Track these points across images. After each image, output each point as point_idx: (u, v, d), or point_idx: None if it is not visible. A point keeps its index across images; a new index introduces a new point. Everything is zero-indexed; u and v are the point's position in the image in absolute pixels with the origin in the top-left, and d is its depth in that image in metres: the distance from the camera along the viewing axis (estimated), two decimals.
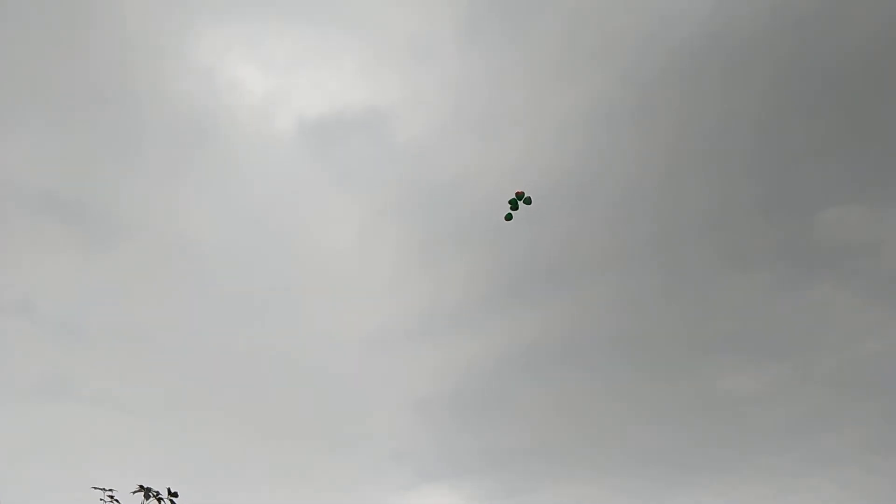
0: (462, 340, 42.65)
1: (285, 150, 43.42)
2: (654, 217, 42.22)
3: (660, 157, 41.87)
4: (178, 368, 40.34)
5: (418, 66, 42.86)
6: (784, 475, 35.11)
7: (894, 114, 38.74)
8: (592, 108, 40.67)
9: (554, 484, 36.98)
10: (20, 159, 39.81)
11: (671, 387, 39.49)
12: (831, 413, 36.84)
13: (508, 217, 16.35)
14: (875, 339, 38.25)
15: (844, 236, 40.14)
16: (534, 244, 41.50)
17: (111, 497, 10.23)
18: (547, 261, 42.42)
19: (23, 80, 39.53)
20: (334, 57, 43.57)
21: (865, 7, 37.58)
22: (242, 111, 42.73)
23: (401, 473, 38.21)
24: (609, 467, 37.42)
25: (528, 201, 16.20)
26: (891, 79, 38.28)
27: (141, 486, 10.42)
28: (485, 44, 41.26)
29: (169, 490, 10.39)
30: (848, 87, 39.63)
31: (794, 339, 39.24)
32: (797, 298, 40.06)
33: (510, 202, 16.16)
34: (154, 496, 10.44)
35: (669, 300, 41.70)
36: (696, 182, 42.01)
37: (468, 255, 41.81)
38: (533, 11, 40.04)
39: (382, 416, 40.08)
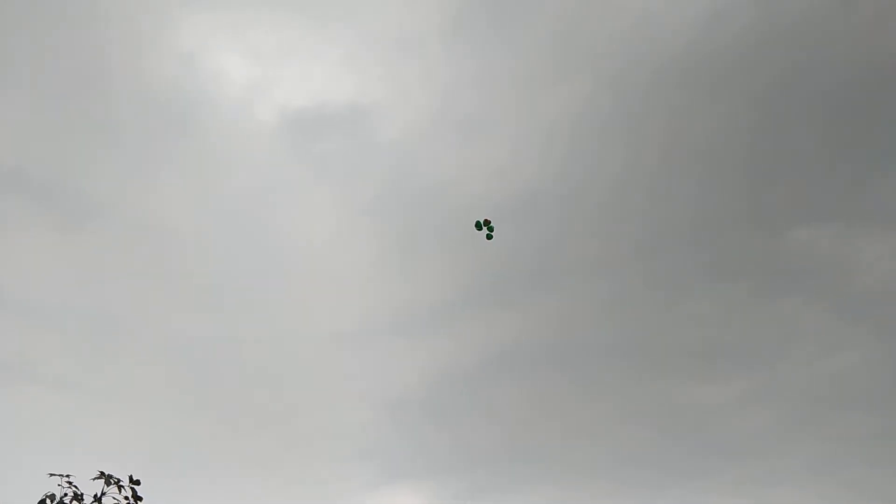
0: (439, 340, 42.55)
1: (265, 141, 42.95)
2: (637, 225, 42.59)
3: (643, 167, 42.23)
4: (145, 356, 39.66)
5: (404, 63, 42.69)
6: (749, 487, 35.57)
7: (870, 133, 39.55)
8: (581, 113, 40.86)
9: (524, 486, 37.03)
10: None
11: (641, 394, 39.82)
12: (796, 428, 37.44)
13: (489, 237, 16.94)
14: (842, 357, 38.97)
15: (816, 253, 40.86)
16: (516, 247, 41.57)
17: (69, 483, 9.89)
18: (528, 264, 42.55)
19: None
20: (320, 50, 43.21)
21: (848, 28, 38.29)
22: (223, 99, 42.16)
23: (368, 471, 37.98)
24: (578, 472, 37.59)
25: (490, 230, 16.79)
26: (868, 99, 39.04)
27: (102, 473, 10.12)
28: (473, 43, 41.23)
29: (131, 478, 10.11)
30: (825, 106, 40.36)
31: (762, 353, 39.83)
32: (767, 312, 40.68)
33: (476, 224, 16.70)
34: (115, 483, 10.14)
35: (645, 308, 42.08)
36: (675, 192, 42.44)
37: (449, 255, 41.72)
38: (523, 12, 40.06)
39: (353, 414, 39.82)
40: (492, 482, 37.66)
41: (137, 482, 9.96)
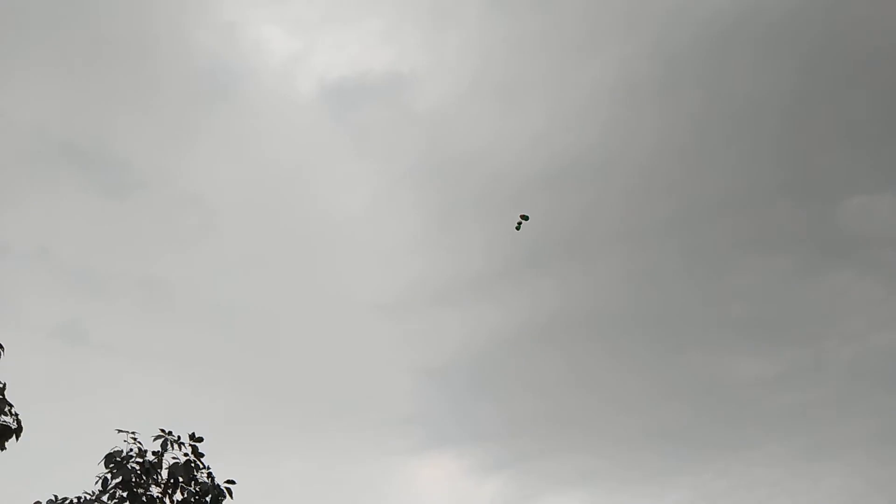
0: (481, 310, 42.61)
1: (306, 111, 43.10)
2: (676, 194, 41.77)
3: (683, 134, 41.25)
4: (190, 321, 40.66)
5: (441, 32, 42.22)
6: (792, 459, 35.17)
7: None
8: (617, 81, 39.98)
9: (565, 455, 37.17)
10: (40, 109, 39.72)
11: (686, 366, 39.42)
12: (842, 402, 36.71)
13: (520, 225, 19.56)
14: (892, 331, 37.89)
15: (868, 226, 39.53)
16: (555, 215, 41.18)
17: (134, 439, 10.18)
18: (567, 233, 42.16)
19: (44, 32, 39.22)
20: (359, 20, 42.93)
21: None
22: (264, 69, 42.33)
23: (413, 437, 38.56)
24: (621, 442, 37.55)
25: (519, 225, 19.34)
26: None
27: (162, 431, 10.34)
28: (509, 11, 40.49)
29: (192, 435, 10.31)
30: (879, 75, 38.70)
31: (810, 326, 38.98)
32: (817, 285, 39.70)
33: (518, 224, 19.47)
34: (175, 442, 10.36)
35: (688, 279, 41.45)
36: (718, 160, 41.40)
37: (488, 225, 41.52)
38: None
39: (397, 381, 40.30)
40: (533, 449, 37.94)
41: (200, 439, 10.18)
